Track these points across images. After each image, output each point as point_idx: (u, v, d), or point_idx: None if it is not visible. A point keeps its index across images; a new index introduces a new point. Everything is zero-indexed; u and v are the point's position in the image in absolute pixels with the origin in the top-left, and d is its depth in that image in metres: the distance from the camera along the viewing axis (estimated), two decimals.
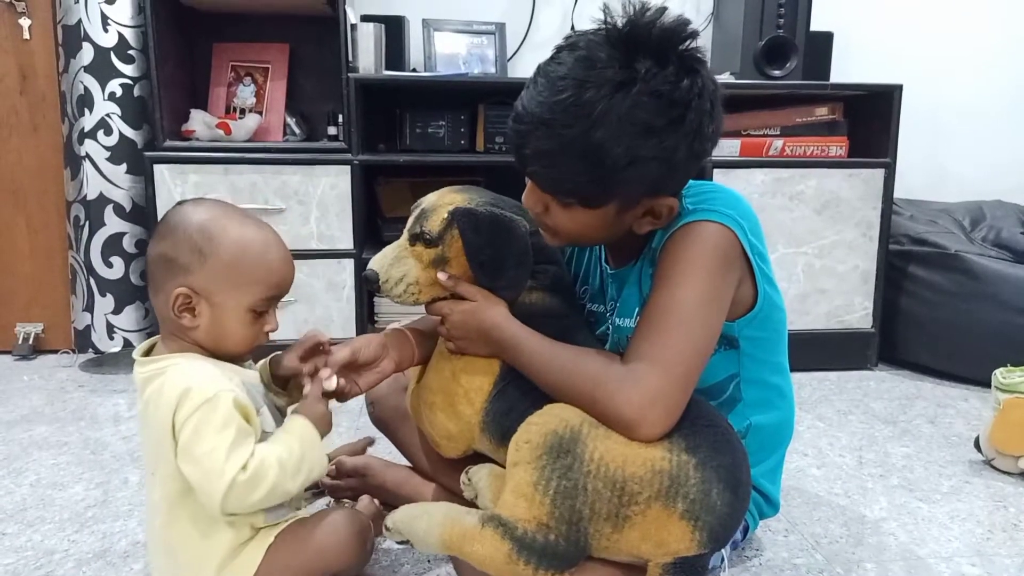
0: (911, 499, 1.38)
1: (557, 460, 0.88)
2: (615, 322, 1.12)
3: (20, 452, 1.54)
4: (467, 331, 1.02)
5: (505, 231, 1.02)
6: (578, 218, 0.98)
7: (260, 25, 2.18)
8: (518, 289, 1.03)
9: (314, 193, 1.92)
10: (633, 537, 0.88)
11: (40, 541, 1.20)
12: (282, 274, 0.95)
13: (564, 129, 0.89)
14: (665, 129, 0.89)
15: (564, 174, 0.93)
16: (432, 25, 2.24)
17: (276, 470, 0.88)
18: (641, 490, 0.87)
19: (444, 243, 1.02)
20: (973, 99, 2.58)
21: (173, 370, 0.90)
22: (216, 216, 0.93)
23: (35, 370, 2.09)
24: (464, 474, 1.07)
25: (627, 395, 0.89)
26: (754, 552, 1.19)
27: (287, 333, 1.95)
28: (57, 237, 2.18)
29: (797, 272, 2.09)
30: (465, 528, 0.90)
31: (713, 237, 0.98)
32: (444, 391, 1.06)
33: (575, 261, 1.25)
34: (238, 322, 0.93)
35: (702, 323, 0.95)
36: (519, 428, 0.94)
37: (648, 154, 0.89)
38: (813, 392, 1.99)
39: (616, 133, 0.88)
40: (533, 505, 0.88)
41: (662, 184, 0.94)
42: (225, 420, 0.86)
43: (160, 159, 1.88)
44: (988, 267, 2.02)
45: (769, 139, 2.09)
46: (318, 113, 2.23)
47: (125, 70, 1.96)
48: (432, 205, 1.04)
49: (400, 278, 1.03)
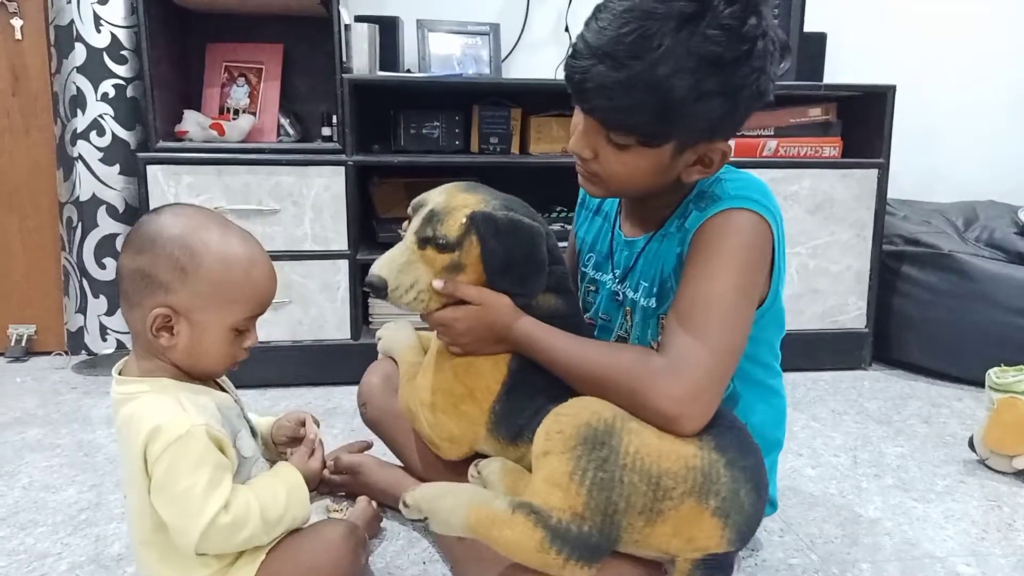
0: (906, 499, 1.38)
1: (593, 451, 0.87)
2: (624, 292, 1.11)
3: (12, 455, 1.53)
4: (477, 335, 1.01)
5: (527, 237, 0.99)
6: (631, 161, 0.95)
7: (253, 25, 2.17)
8: (535, 295, 1.02)
9: (308, 194, 1.92)
10: (664, 532, 0.87)
11: (33, 544, 1.19)
12: (268, 290, 0.92)
13: (630, 61, 0.86)
14: (733, 64, 0.87)
15: (629, 108, 0.89)
16: (426, 26, 2.23)
17: (258, 519, 0.85)
18: (676, 485, 0.86)
19: (462, 249, 0.99)
20: (966, 100, 2.59)
21: (142, 402, 0.86)
22: (197, 228, 0.87)
23: (28, 372, 2.08)
24: (473, 466, 1.06)
25: (668, 389, 0.88)
26: (749, 552, 1.19)
27: (281, 335, 1.95)
28: (50, 238, 2.17)
29: (791, 272, 2.10)
30: (495, 512, 0.88)
31: (752, 228, 0.96)
32: (445, 391, 1.04)
33: (585, 228, 1.23)
34: (219, 341, 0.89)
35: (739, 317, 0.94)
36: (547, 419, 0.92)
37: (715, 88, 0.87)
38: (807, 392, 1.99)
39: (683, 66, 0.85)
40: (568, 494, 0.86)
41: (723, 124, 0.92)
42: (200, 457, 0.82)
43: (153, 160, 1.87)
44: (981, 267, 2.03)
45: (763, 140, 2.10)
46: (312, 114, 2.23)
47: (118, 71, 1.95)
48: (444, 206, 1.00)
49: (411, 285, 0.99)
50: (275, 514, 0.87)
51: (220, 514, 0.82)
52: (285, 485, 0.90)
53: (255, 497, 0.86)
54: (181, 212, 0.90)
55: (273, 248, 1.92)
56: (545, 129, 2.09)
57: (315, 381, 1.96)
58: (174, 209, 0.90)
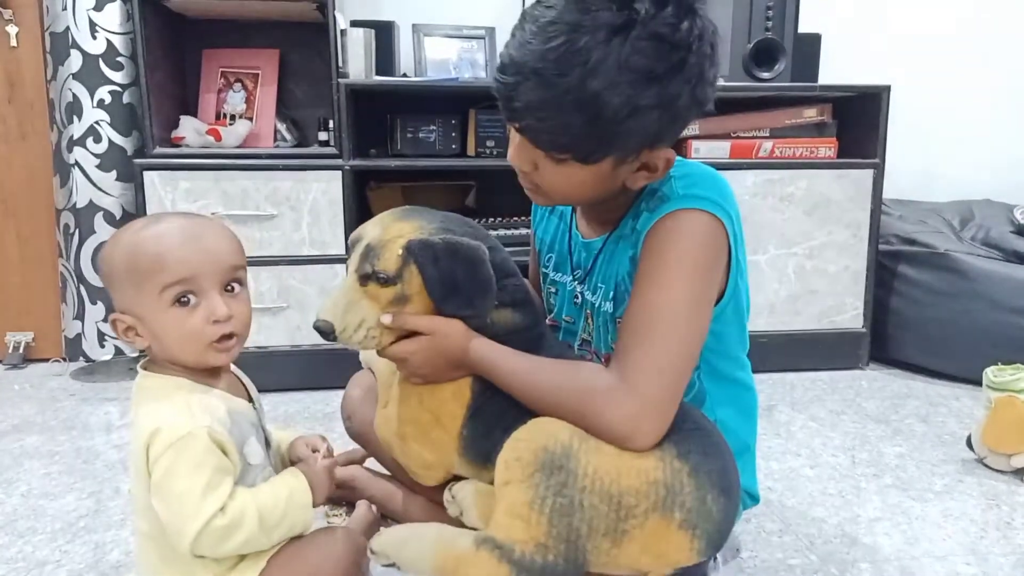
0: (904, 498, 1.38)
1: (551, 477, 0.85)
2: (583, 294, 1.09)
3: (11, 462, 1.52)
4: (434, 365, 0.98)
5: (467, 259, 0.96)
6: (570, 175, 0.92)
7: (250, 31, 2.18)
8: (485, 316, 0.99)
9: (305, 199, 1.92)
10: (632, 551, 0.86)
11: (31, 552, 1.19)
12: (178, 256, 0.85)
13: (558, 79, 0.82)
14: (667, 75, 0.83)
15: (559, 127, 0.85)
16: (422, 30, 2.24)
17: (255, 521, 0.84)
18: (637, 503, 0.85)
19: (403, 280, 0.96)
20: (961, 99, 2.60)
21: (146, 402, 0.87)
22: (118, 234, 0.89)
23: (26, 379, 2.07)
24: (448, 491, 1.05)
25: (619, 407, 0.87)
26: (749, 553, 1.19)
27: (279, 340, 1.95)
28: (47, 245, 2.17)
29: (788, 273, 2.10)
30: (459, 552, 0.88)
31: (704, 230, 0.94)
32: (414, 421, 1.03)
33: (543, 227, 1.21)
34: (167, 322, 0.86)
35: (692, 325, 0.92)
36: (505, 446, 0.91)
37: (649, 103, 0.83)
38: (805, 392, 1.99)
39: (615, 81, 0.81)
40: (529, 525, 0.85)
41: (662, 135, 0.89)
42: (200, 458, 0.82)
43: (150, 166, 1.87)
44: (978, 266, 2.03)
45: (758, 141, 2.10)
46: (309, 119, 2.23)
47: (114, 77, 1.95)
48: (379, 240, 0.97)
49: (358, 324, 0.97)
50: (273, 519, 0.87)
51: (216, 516, 0.82)
52: (287, 490, 0.89)
53: (253, 500, 0.85)
54: (122, 229, 0.90)
55: (271, 253, 1.92)
56: None
57: (313, 385, 1.96)
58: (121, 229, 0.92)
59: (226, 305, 0.88)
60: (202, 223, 0.90)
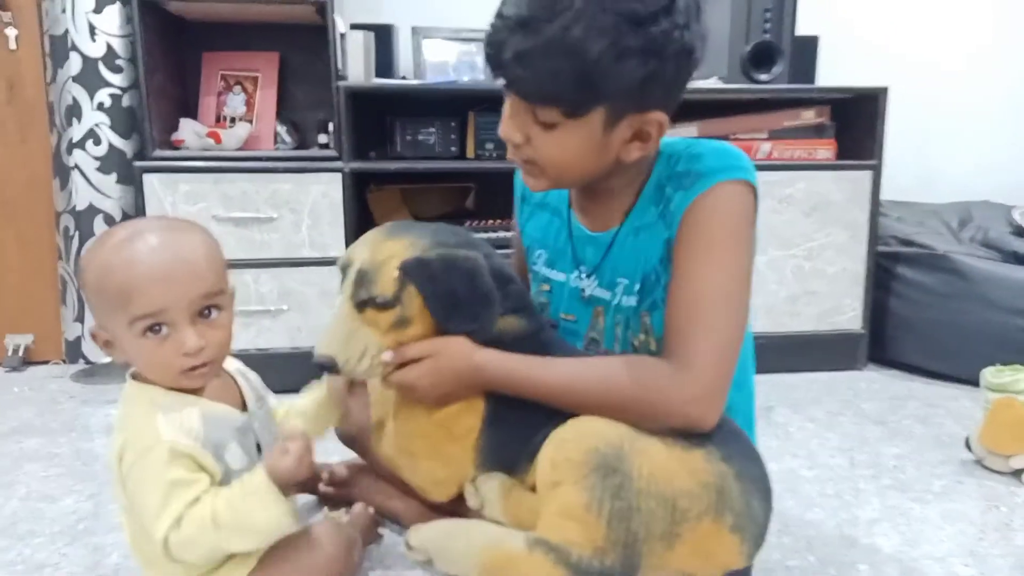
0: (903, 500, 1.38)
1: (606, 479, 0.83)
2: (593, 292, 1.07)
3: (11, 465, 1.52)
4: (444, 388, 0.97)
5: (465, 272, 0.93)
6: (562, 140, 0.91)
7: (249, 34, 2.18)
8: (492, 328, 0.96)
9: (305, 201, 1.92)
10: (684, 553, 0.85)
11: (31, 555, 1.19)
12: (143, 292, 0.82)
13: (543, 25, 0.82)
14: (653, 17, 0.83)
15: (546, 75, 0.85)
16: (421, 33, 2.24)
17: (210, 531, 0.82)
18: (691, 506, 0.84)
19: (402, 303, 0.93)
20: (959, 100, 2.60)
21: (122, 412, 0.88)
22: (93, 249, 0.87)
23: (26, 382, 2.07)
24: (470, 484, 1.02)
25: (686, 392, 0.87)
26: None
27: (280, 342, 1.95)
28: (47, 248, 2.17)
29: (787, 274, 2.10)
30: (510, 552, 0.85)
31: (742, 201, 0.94)
32: (425, 436, 1.00)
33: (532, 224, 1.19)
34: (136, 350, 0.85)
35: (741, 304, 0.93)
36: (549, 446, 0.89)
37: (634, 45, 0.83)
38: (804, 393, 1.99)
39: (600, 25, 0.81)
40: (587, 528, 0.83)
41: (651, 88, 0.87)
42: (156, 476, 0.82)
43: (150, 169, 1.87)
44: (976, 267, 2.03)
45: (757, 143, 2.10)
46: (308, 121, 2.23)
47: (113, 80, 1.95)
48: (371, 263, 0.94)
49: (361, 354, 0.94)
50: (226, 518, 0.83)
51: (171, 532, 0.81)
52: (242, 491, 0.85)
53: (211, 509, 0.83)
54: (100, 235, 0.90)
55: (271, 255, 1.92)
56: None
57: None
58: (101, 233, 0.92)
59: (199, 334, 0.85)
60: (179, 244, 0.86)
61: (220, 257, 0.90)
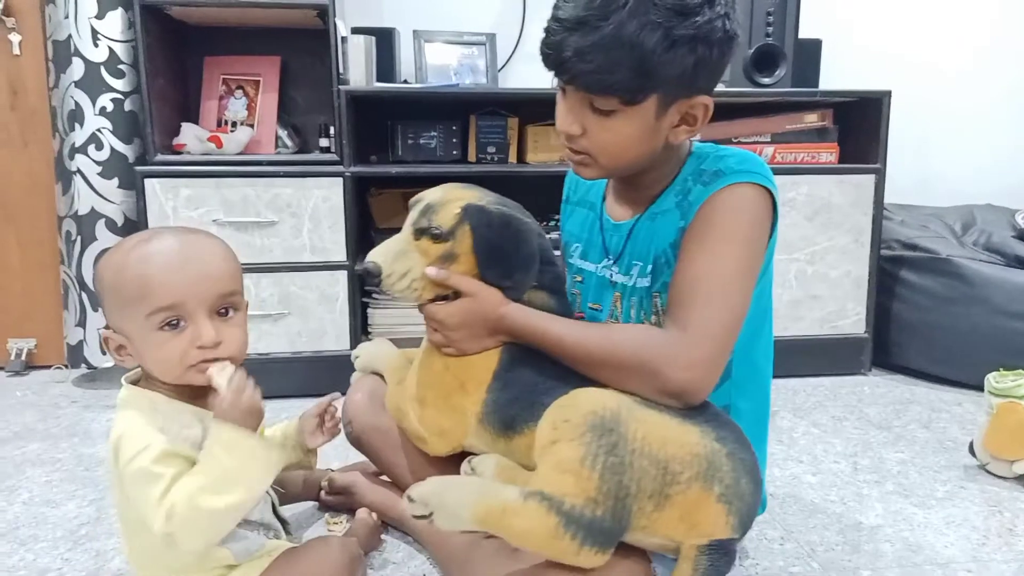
0: (906, 505, 1.38)
1: (602, 437, 0.88)
2: (615, 277, 1.11)
3: (13, 470, 1.53)
4: (471, 327, 1.03)
5: (517, 231, 1.03)
6: (617, 128, 0.97)
7: (251, 38, 2.18)
8: (523, 291, 1.04)
9: (306, 205, 1.92)
10: (672, 517, 0.88)
11: (33, 560, 1.19)
12: (163, 282, 0.85)
13: (601, 23, 0.90)
14: (699, 8, 0.91)
15: (606, 67, 0.92)
16: (423, 36, 2.24)
17: (196, 497, 0.81)
18: (683, 470, 0.88)
19: (455, 239, 1.02)
20: (962, 104, 2.60)
21: (119, 417, 0.88)
22: (110, 253, 0.90)
23: (28, 386, 2.08)
24: (467, 463, 1.06)
25: (681, 361, 0.91)
26: (751, 562, 1.19)
27: (280, 347, 1.95)
28: (49, 252, 2.17)
29: (790, 279, 2.10)
30: (505, 501, 0.88)
31: (757, 203, 1.00)
32: (436, 385, 1.06)
33: (572, 220, 1.25)
34: (152, 345, 0.86)
35: (742, 292, 0.97)
36: (550, 411, 0.93)
37: (685, 34, 0.91)
38: (807, 398, 1.99)
39: (650, 19, 0.89)
40: (580, 479, 0.87)
41: (700, 72, 0.95)
42: (145, 478, 0.82)
43: (151, 173, 1.87)
44: (980, 271, 2.03)
45: (760, 146, 2.10)
46: (310, 125, 2.23)
47: (116, 85, 1.96)
48: (440, 200, 1.04)
49: (404, 272, 1.03)
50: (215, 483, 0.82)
51: (164, 526, 0.81)
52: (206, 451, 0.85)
53: (184, 488, 0.82)
54: (117, 245, 0.91)
55: (272, 260, 1.92)
56: (542, 138, 2.09)
57: (314, 392, 1.93)
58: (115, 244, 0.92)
59: (216, 330, 0.87)
60: (196, 244, 0.89)
61: (236, 260, 0.94)
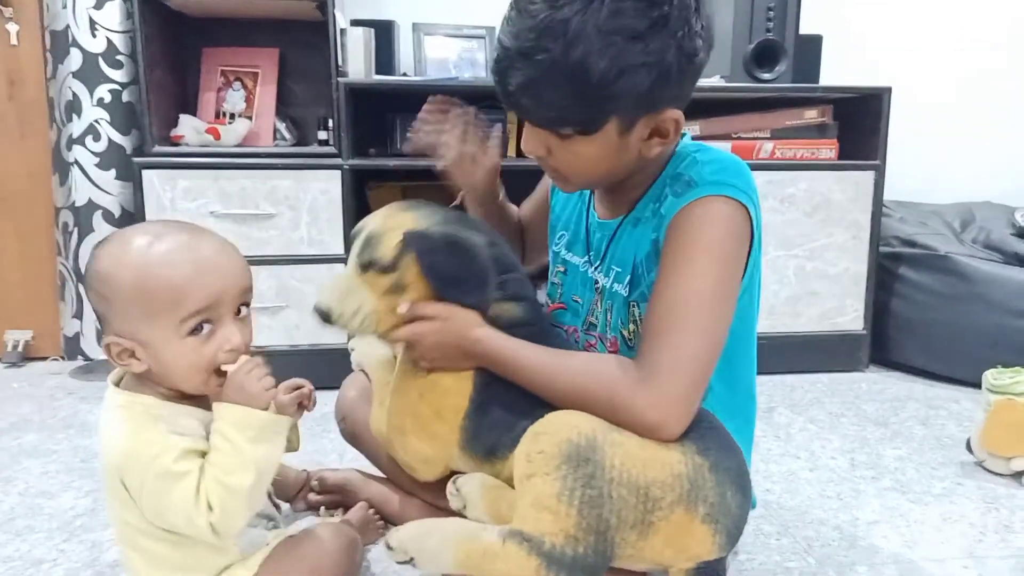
0: (903, 501, 1.38)
1: (578, 469, 0.84)
2: (601, 282, 1.08)
3: (9, 460, 1.52)
4: (444, 350, 0.98)
5: (462, 251, 0.98)
6: (582, 151, 0.92)
7: (249, 30, 2.17)
8: (484, 307, 1.00)
9: (304, 198, 1.92)
10: (657, 543, 0.86)
11: (28, 551, 1.19)
12: (197, 285, 0.82)
13: (542, 54, 0.83)
14: (649, 32, 0.83)
15: (552, 102, 0.87)
16: (422, 29, 2.23)
17: (234, 483, 0.81)
18: (664, 495, 0.85)
19: (399, 269, 0.98)
20: (962, 101, 2.59)
21: (116, 423, 0.84)
22: (113, 250, 0.84)
23: (24, 377, 2.07)
24: (452, 484, 1.03)
25: (649, 398, 0.87)
26: (746, 556, 1.19)
27: (278, 339, 1.95)
28: (46, 244, 2.17)
29: (788, 275, 2.10)
30: (485, 545, 0.85)
31: (730, 218, 0.93)
32: (413, 414, 1.03)
33: (561, 202, 1.21)
34: (177, 352, 0.83)
35: (717, 316, 0.92)
36: (525, 439, 0.90)
37: (636, 61, 0.83)
38: (805, 394, 1.99)
39: (598, 46, 0.82)
40: (559, 517, 0.84)
41: (658, 94, 0.88)
42: (172, 480, 0.81)
43: (149, 165, 1.87)
44: (978, 268, 2.03)
45: (759, 142, 2.10)
46: (308, 118, 2.23)
47: (114, 75, 1.95)
48: (379, 229, 0.99)
49: (355, 310, 0.98)
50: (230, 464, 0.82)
51: (208, 516, 0.81)
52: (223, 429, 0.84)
53: (207, 478, 0.82)
54: (111, 239, 0.86)
55: (269, 252, 1.92)
56: None
57: (312, 385, 1.95)
58: (108, 237, 0.87)
59: (240, 332, 0.86)
60: (210, 243, 0.86)
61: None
